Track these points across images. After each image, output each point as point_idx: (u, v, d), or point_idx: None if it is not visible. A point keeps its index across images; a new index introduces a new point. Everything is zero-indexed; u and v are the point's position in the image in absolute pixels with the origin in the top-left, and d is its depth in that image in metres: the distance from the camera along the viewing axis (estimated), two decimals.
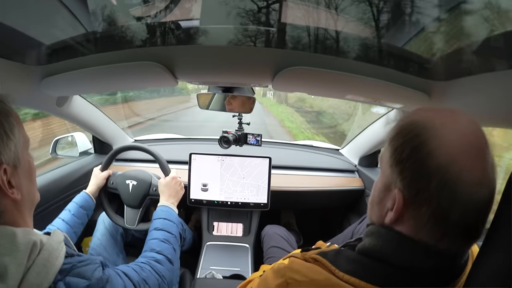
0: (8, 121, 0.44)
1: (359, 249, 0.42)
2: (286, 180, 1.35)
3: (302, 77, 0.69)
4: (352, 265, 0.40)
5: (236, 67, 0.73)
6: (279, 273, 0.43)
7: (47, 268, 0.42)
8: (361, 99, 0.80)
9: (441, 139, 0.35)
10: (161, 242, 0.76)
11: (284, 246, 1.05)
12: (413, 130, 0.37)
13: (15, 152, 0.45)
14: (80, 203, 0.93)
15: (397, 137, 0.39)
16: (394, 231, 0.39)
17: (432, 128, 0.36)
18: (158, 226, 0.81)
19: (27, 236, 0.42)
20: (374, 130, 1.26)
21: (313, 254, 0.44)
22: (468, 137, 0.35)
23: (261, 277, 0.50)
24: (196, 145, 1.60)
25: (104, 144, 1.41)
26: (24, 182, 0.47)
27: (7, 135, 0.43)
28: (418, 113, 0.39)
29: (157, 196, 0.99)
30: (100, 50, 0.67)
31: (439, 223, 0.35)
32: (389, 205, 0.40)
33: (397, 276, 0.37)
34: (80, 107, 1.08)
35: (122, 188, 1.04)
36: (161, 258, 0.72)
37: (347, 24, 0.56)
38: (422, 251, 0.37)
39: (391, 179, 0.39)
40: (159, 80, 0.79)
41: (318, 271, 0.40)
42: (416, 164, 0.36)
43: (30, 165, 0.49)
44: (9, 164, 0.43)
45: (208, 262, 1.14)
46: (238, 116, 1.22)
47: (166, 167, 1.02)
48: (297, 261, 0.44)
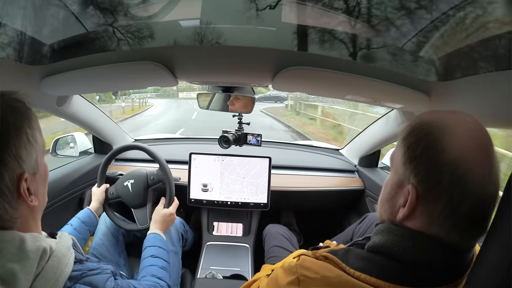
0: (31, 127, 0.43)
1: (369, 246, 0.43)
2: (286, 180, 1.35)
3: (302, 77, 0.69)
4: (363, 262, 0.41)
5: (236, 67, 0.73)
6: (291, 271, 0.44)
7: (56, 275, 0.42)
8: (361, 99, 0.80)
9: (452, 137, 0.37)
10: (160, 269, 0.78)
11: (286, 245, 1.05)
12: (425, 129, 0.39)
13: (36, 159, 0.44)
14: (82, 218, 0.93)
15: (410, 136, 0.40)
16: (405, 227, 0.40)
17: (443, 127, 0.38)
18: (154, 253, 0.83)
19: (36, 242, 0.41)
20: (374, 130, 1.26)
21: (324, 252, 0.45)
22: (476, 136, 0.37)
23: (270, 276, 0.51)
24: (196, 145, 1.60)
25: (104, 144, 1.41)
26: (40, 187, 0.46)
27: (29, 142, 0.42)
28: (428, 115, 0.42)
29: (157, 183, 1.01)
30: (100, 50, 0.67)
31: (450, 217, 0.37)
32: (401, 201, 0.41)
33: (407, 272, 0.38)
34: (80, 106, 1.08)
35: (123, 192, 1.04)
36: (164, 284, 0.74)
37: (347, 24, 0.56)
38: (433, 245, 0.38)
39: (403, 176, 0.40)
40: (159, 80, 0.79)
41: (329, 269, 0.41)
42: (429, 160, 0.37)
43: (46, 170, 0.48)
44: (29, 172, 0.42)
45: (208, 262, 1.14)
46: (238, 116, 1.22)
47: (173, 195, 1.02)
48: (308, 259, 0.45)
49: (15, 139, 0.40)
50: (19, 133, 0.41)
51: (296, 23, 0.58)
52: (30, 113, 0.44)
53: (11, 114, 0.41)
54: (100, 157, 1.36)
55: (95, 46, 0.66)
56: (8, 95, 0.43)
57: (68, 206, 1.19)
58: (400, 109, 0.91)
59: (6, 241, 0.39)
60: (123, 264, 1.04)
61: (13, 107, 0.42)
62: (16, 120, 0.41)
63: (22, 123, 0.42)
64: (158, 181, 1.03)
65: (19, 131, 0.41)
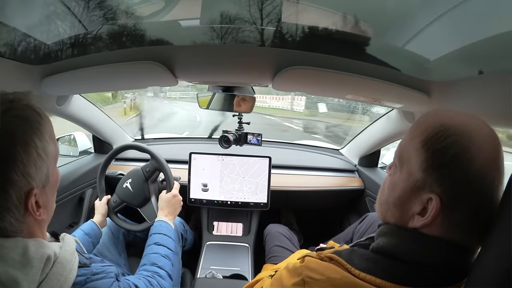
0: (42, 139, 0.39)
1: (373, 247, 0.43)
2: (286, 180, 1.35)
3: (302, 77, 0.69)
4: (368, 263, 0.40)
5: (236, 67, 0.73)
6: (296, 272, 0.44)
7: (60, 282, 0.41)
8: (361, 99, 0.80)
9: (478, 145, 0.36)
10: (162, 257, 0.77)
11: (287, 245, 1.05)
12: (451, 135, 0.37)
13: (46, 172, 0.41)
14: (85, 230, 0.91)
15: (434, 141, 0.38)
16: (420, 233, 0.39)
17: (468, 134, 0.37)
18: (158, 241, 0.81)
19: (40, 249, 0.40)
20: (374, 130, 1.26)
21: (328, 253, 0.45)
22: (494, 142, 0.38)
23: (274, 277, 0.51)
24: (196, 145, 1.60)
25: (104, 144, 1.41)
26: (50, 198, 0.44)
27: (39, 156, 0.39)
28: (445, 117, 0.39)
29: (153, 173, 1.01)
30: (100, 50, 0.66)
31: (471, 223, 0.37)
32: (416, 209, 0.39)
33: (412, 273, 0.38)
34: (80, 106, 1.08)
35: (124, 195, 1.03)
36: (164, 273, 0.72)
37: (347, 24, 0.56)
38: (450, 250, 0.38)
39: (422, 183, 0.38)
40: (159, 80, 0.79)
41: (334, 270, 0.41)
42: (459, 169, 0.36)
43: (57, 179, 0.45)
44: (38, 186, 0.40)
45: (208, 261, 1.14)
46: (238, 116, 1.22)
47: (171, 179, 1.01)
48: (313, 260, 0.45)
49: (23, 155, 0.37)
50: (28, 148, 0.38)
51: (297, 22, 0.58)
52: (42, 122, 0.40)
53: (19, 127, 0.38)
54: (100, 156, 1.36)
55: (95, 46, 0.66)
56: (18, 101, 0.39)
57: (68, 205, 1.19)
58: (400, 108, 0.91)
59: (8, 247, 0.38)
60: (123, 263, 1.04)
61: (22, 117, 0.39)
62: (25, 133, 0.38)
63: (32, 137, 0.39)
64: (153, 170, 1.02)
65: (28, 146, 0.38)
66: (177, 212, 0.98)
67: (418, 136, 0.40)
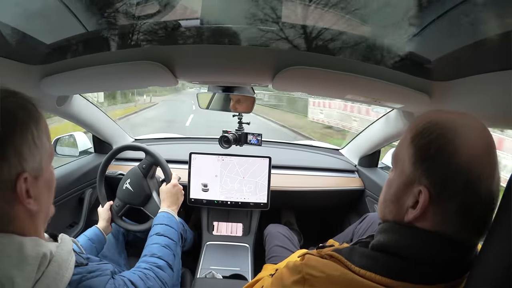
0: (38, 129, 0.42)
1: (373, 245, 0.43)
2: (286, 180, 1.35)
3: (302, 77, 0.69)
4: (367, 260, 0.41)
5: (236, 67, 0.73)
6: (296, 270, 0.44)
7: (56, 281, 0.41)
8: (361, 99, 0.80)
9: (463, 138, 0.37)
10: (162, 247, 0.76)
11: (287, 245, 1.05)
12: (437, 130, 0.39)
13: (39, 162, 0.42)
14: (89, 235, 0.91)
15: (421, 136, 0.40)
16: (416, 228, 0.40)
17: (454, 129, 0.38)
18: (159, 231, 0.81)
19: (36, 247, 0.40)
20: (374, 130, 1.26)
21: (328, 251, 0.45)
22: (484, 137, 0.38)
23: (275, 276, 0.51)
24: (196, 145, 1.60)
25: (104, 143, 1.41)
26: (43, 194, 0.44)
27: (34, 143, 0.41)
28: (436, 115, 0.41)
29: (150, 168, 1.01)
30: (100, 50, 0.66)
31: (463, 216, 0.38)
32: (409, 202, 0.41)
33: (410, 268, 0.39)
34: (80, 106, 1.08)
35: (126, 196, 1.03)
36: (163, 264, 0.72)
37: (347, 24, 0.56)
38: (444, 244, 0.38)
39: (412, 177, 0.40)
40: (159, 80, 0.79)
41: (334, 267, 0.42)
42: (442, 162, 0.38)
43: (51, 178, 0.47)
44: (31, 174, 0.41)
45: (208, 262, 1.14)
46: (238, 116, 1.22)
47: (168, 171, 1.01)
48: (313, 258, 0.45)
49: (18, 135, 0.39)
50: (24, 130, 0.40)
51: (297, 22, 0.58)
52: (40, 116, 0.43)
53: (20, 110, 0.40)
54: (100, 156, 1.36)
55: (95, 46, 0.66)
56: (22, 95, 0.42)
57: (68, 205, 1.19)
58: (400, 109, 0.91)
59: (4, 244, 0.38)
60: (123, 263, 1.04)
61: (23, 106, 0.41)
62: (24, 117, 0.41)
63: (29, 123, 0.41)
64: (149, 165, 1.02)
65: (25, 128, 0.40)
66: (180, 201, 0.97)
67: (409, 133, 0.42)
